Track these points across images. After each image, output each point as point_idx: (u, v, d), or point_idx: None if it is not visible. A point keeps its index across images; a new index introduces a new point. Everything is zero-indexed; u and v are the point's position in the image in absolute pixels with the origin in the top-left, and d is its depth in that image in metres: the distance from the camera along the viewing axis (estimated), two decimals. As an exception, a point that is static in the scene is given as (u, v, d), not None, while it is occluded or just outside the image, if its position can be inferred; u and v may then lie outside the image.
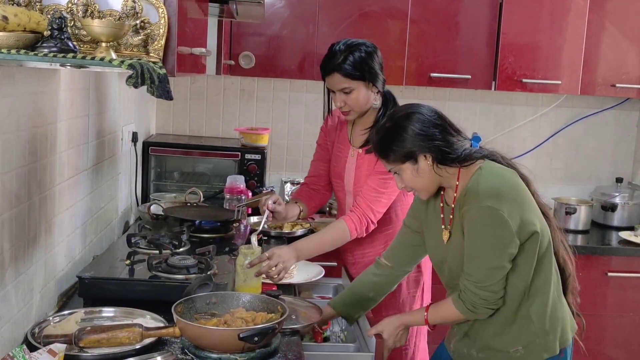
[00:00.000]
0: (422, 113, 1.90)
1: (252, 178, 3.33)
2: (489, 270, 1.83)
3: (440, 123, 1.90)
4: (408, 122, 1.89)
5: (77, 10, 1.26)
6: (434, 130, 1.88)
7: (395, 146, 1.90)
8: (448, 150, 1.88)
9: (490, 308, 1.89)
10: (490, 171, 1.89)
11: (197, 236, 2.65)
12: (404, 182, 1.95)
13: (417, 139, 1.87)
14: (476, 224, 1.83)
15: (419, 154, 1.88)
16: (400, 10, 3.32)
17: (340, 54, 2.35)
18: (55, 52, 1.14)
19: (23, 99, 1.67)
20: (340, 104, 2.39)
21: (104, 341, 1.68)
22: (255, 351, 1.70)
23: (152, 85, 1.17)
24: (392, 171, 1.96)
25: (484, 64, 3.39)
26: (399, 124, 1.91)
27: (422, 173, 1.91)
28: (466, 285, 1.88)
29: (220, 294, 1.95)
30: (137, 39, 1.29)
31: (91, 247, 2.41)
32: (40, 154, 1.82)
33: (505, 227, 1.80)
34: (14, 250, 1.67)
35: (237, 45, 3.29)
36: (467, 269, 1.88)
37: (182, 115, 3.72)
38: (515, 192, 1.86)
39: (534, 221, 1.85)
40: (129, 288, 2.05)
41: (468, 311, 1.90)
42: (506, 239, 1.81)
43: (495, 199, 1.80)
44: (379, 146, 1.95)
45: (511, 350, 1.93)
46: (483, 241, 1.83)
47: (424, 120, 1.89)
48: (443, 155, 1.88)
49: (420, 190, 1.97)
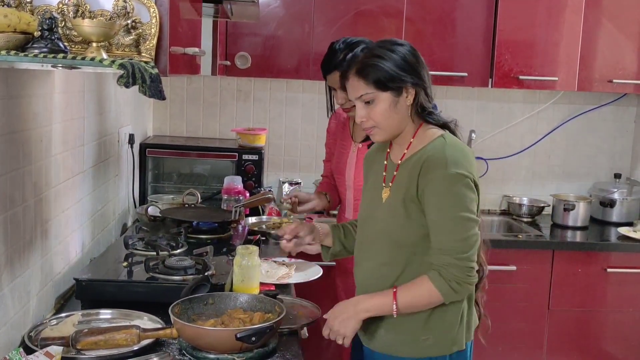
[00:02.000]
0: (417, 51, 1.79)
1: (249, 179, 3.32)
2: (467, 240, 1.71)
3: (425, 65, 1.80)
4: (400, 48, 1.75)
5: (67, 11, 1.26)
6: (422, 68, 1.77)
7: (384, 65, 1.72)
8: (427, 97, 1.78)
9: (472, 283, 1.74)
10: (454, 143, 1.78)
11: (194, 237, 2.65)
12: (372, 115, 1.77)
13: (407, 67, 1.73)
14: (445, 193, 1.70)
15: (405, 84, 1.74)
16: (395, 9, 3.31)
17: (340, 52, 2.37)
18: (46, 52, 1.13)
19: (16, 101, 1.67)
20: (341, 101, 2.41)
21: (101, 343, 1.67)
22: (253, 351, 1.70)
23: (143, 84, 1.16)
24: (362, 99, 1.77)
25: (480, 61, 3.38)
26: (388, 47, 1.76)
27: (398, 109, 1.76)
28: (446, 260, 1.71)
29: (218, 294, 1.95)
30: (128, 39, 1.28)
31: (88, 249, 2.40)
32: (35, 157, 1.82)
33: (474, 194, 1.72)
34: (9, 253, 1.67)
35: (233, 46, 3.29)
36: (442, 244, 1.72)
37: (179, 116, 3.71)
38: (473, 165, 1.76)
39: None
40: (126, 290, 2.04)
41: (451, 290, 1.72)
42: (476, 205, 1.73)
43: (464, 168, 1.70)
44: (365, 62, 1.75)
45: (421, 338, 1.81)
46: (456, 210, 1.70)
47: (414, 53, 1.78)
48: (422, 100, 1.77)
49: (385, 128, 1.80)
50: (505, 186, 3.88)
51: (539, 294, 3.29)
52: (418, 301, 1.77)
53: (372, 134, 1.83)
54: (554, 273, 3.27)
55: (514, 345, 3.31)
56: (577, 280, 3.28)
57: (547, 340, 3.33)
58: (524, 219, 3.67)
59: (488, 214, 3.84)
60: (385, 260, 1.85)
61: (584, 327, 3.34)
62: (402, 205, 1.79)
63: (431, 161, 1.73)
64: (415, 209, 1.77)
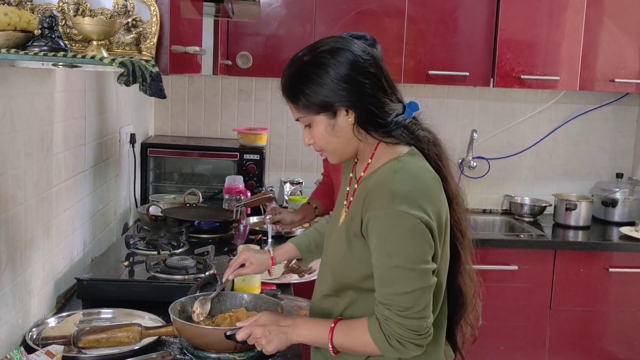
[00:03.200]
0: (353, 52, 1.45)
1: (251, 178, 3.32)
2: (410, 295, 1.39)
3: (374, 72, 1.46)
4: (332, 61, 1.44)
5: (68, 9, 1.26)
6: (365, 80, 1.44)
7: (309, 90, 1.45)
8: (376, 112, 1.46)
9: (420, 343, 1.43)
10: (409, 169, 1.46)
11: (196, 237, 2.65)
12: (314, 139, 1.52)
13: (340, 86, 1.43)
14: (387, 236, 1.40)
15: (339, 106, 1.45)
16: (397, 8, 3.31)
17: None
18: (46, 51, 1.13)
19: (18, 100, 1.67)
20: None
21: (103, 341, 1.67)
22: (254, 350, 1.69)
23: (144, 83, 1.16)
24: (302, 123, 1.52)
25: (482, 61, 3.38)
26: (320, 60, 1.45)
27: (338, 132, 1.48)
28: (387, 315, 1.41)
29: (223, 293, 1.95)
30: (129, 38, 1.28)
31: (90, 248, 2.40)
32: (36, 156, 1.82)
33: (426, 238, 1.40)
34: (10, 252, 1.67)
35: (234, 45, 3.28)
36: (381, 295, 1.43)
37: (180, 116, 3.71)
38: (430, 199, 1.44)
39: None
40: (128, 289, 2.04)
41: (390, 348, 1.43)
42: (428, 251, 1.41)
43: (415, 205, 1.39)
44: (288, 85, 1.50)
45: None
46: (397, 258, 1.39)
47: (355, 62, 1.44)
48: (368, 117, 1.46)
49: (332, 152, 1.55)
50: (506, 186, 3.88)
51: (540, 293, 3.28)
52: (354, 347, 1.49)
53: (327, 157, 1.60)
54: (556, 273, 3.27)
55: (515, 345, 3.31)
56: (579, 280, 3.28)
57: (549, 339, 3.32)
58: (525, 219, 3.66)
59: (490, 214, 3.84)
60: (328, 292, 1.61)
61: (585, 327, 3.33)
62: (345, 237, 1.52)
63: (375, 193, 1.44)
64: (359, 244, 1.48)
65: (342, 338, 1.49)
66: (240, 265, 1.90)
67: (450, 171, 1.56)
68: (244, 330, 1.57)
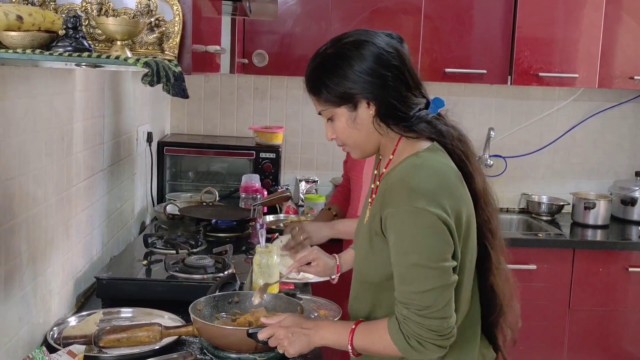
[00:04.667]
0: (376, 45, 1.45)
1: (267, 177, 3.31)
2: (428, 293, 1.37)
3: (398, 65, 1.44)
4: (356, 53, 1.44)
5: (91, 9, 1.26)
6: (387, 72, 1.43)
7: (331, 81, 1.45)
8: (398, 105, 1.44)
9: (442, 344, 1.40)
10: (429, 165, 1.44)
11: (213, 235, 2.65)
12: (336, 133, 1.51)
13: (362, 78, 1.43)
14: (405, 234, 1.38)
15: (360, 98, 1.45)
16: (413, 6, 3.29)
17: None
18: (71, 51, 1.13)
19: (39, 100, 1.67)
20: None
21: (123, 340, 1.67)
22: (274, 351, 1.69)
23: (167, 83, 1.16)
24: (324, 116, 1.52)
25: (499, 58, 3.35)
26: (343, 52, 1.45)
27: (359, 124, 1.47)
28: (405, 315, 1.39)
29: (243, 293, 1.95)
30: (152, 37, 1.28)
31: (108, 247, 2.41)
32: (56, 155, 1.82)
33: (445, 236, 1.37)
34: (31, 251, 1.67)
35: (250, 44, 3.28)
36: (402, 295, 1.40)
37: (196, 114, 3.71)
38: (450, 195, 1.41)
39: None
40: (147, 288, 2.04)
41: (410, 349, 1.40)
42: (446, 249, 1.39)
43: (434, 202, 1.37)
44: (311, 77, 1.51)
45: None
46: (415, 257, 1.37)
47: (378, 55, 1.44)
48: (389, 110, 1.45)
49: (353, 146, 1.54)
50: (524, 184, 3.85)
51: (559, 293, 3.25)
52: (375, 349, 1.47)
53: (349, 152, 1.59)
54: (575, 272, 3.24)
55: (534, 345, 3.28)
56: (598, 279, 3.24)
57: (568, 339, 3.29)
58: (543, 218, 3.63)
59: (507, 213, 3.81)
60: (355, 293, 1.61)
61: (604, 327, 3.30)
62: (368, 235, 1.51)
63: (393, 189, 1.42)
64: (380, 242, 1.47)
65: (363, 340, 1.48)
66: (307, 263, 1.91)
67: (477, 168, 1.53)
68: (267, 330, 1.56)
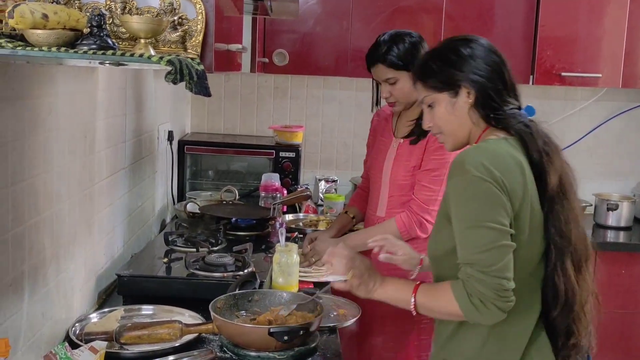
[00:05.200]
0: (481, 44, 1.65)
1: (286, 176, 3.32)
2: (492, 251, 1.47)
3: (499, 62, 1.64)
4: (464, 46, 1.64)
5: (115, 7, 1.27)
6: (488, 66, 1.62)
7: (440, 67, 1.65)
8: (494, 97, 1.61)
9: (501, 306, 1.47)
10: (486, 146, 1.58)
11: (233, 234, 2.65)
12: (434, 119, 1.68)
13: (466, 66, 1.61)
14: (462, 200, 1.52)
15: (462, 85, 1.61)
16: (435, 5, 3.28)
17: (384, 44, 2.33)
18: (95, 49, 1.14)
19: (62, 99, 1.69)
20: (386, 95, 2.37)
21: (144, 337, 1.68)
22: (294, 349, 1.69)
23: (190, 81, 1.16)
24: (426, 103, 1.69)
25: (520, 58, 3.32)
26: (452, 46, 1.67)
27: (457, 111, 1.63)
28: (469, 273, 1.49)
29: (262, 291, 1.95)
30: (174, 36, 1.28)
31: (129, 245, 2.42)
32: (79, 153, 1.84)
33: (499, 199, 1.48)
34: (55, 248, 1.69)
35: (271, 43, 3.29)
36: (464, 258, 1.51)
37: (216, 113, 3.73)
38: (506, 173, 1.51)
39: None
40: (167, 286, 2.06)
41: (472, 307, 1.48)
42: (501, 213, 1.48)
43: (486, 171, 1.49)
44: (422, 64, 1.71)
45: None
46: (474, 219, 1.49)
47: (482, 51, 1.63)
48: (485, 101, 1.61)
49: (448, 134, 1.68)
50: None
51: (580, 295, 3.21)
52: (436, 306, 1.58)
53: (442, 143, 1.74)
54: (597, 274, 3.16)
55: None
56: (620, 282, 3.20)
57: (589, 342, 3.25)
58: (565, 219, 3.59)
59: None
60: (433, 276, 1.75)
61: (628, 330, 3.26)
62: (440, 216, 1.66)
63: (453, 166, 1.56)
64: (446, 223, 1.59)
65: (425, 296, 1.58)
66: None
67: (558, 170, 1.62)
68: (345, 254, 1.67)
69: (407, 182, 2.39)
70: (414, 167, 2.37)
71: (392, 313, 2.36)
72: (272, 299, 1.91)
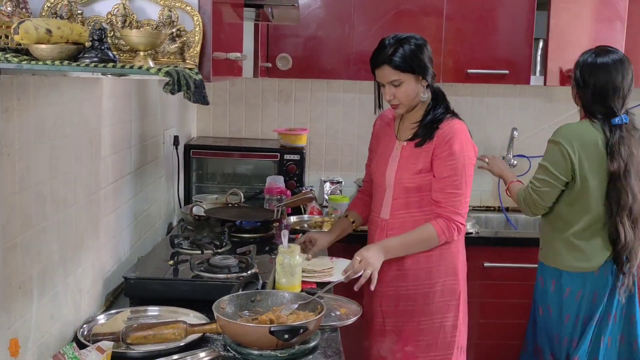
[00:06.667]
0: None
1: (291, 178, 3.37)
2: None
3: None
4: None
5: (116, 21, 1.32)
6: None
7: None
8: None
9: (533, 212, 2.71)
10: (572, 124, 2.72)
11: (238, 236, 2.71)
12: None
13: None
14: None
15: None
16: (435, 8, 3.32)
17: (390, 46, 2.35)
18: (97, 62, 1.19)
19: (68, 107, 1.75)
20: (389, 97, 2.39)
21: (150, 337, 1.74)
22: (295, 347, 1.74)
23: (188, 91, 1.21)
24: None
25: (521, 59, 3.36)
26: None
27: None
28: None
29: (265, 292, 2.00)
30: (173, 47, 1.34)
31: (136, 248, 2.48)
32: (85, 159, 1.90)
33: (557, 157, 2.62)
34: (63, 252, 1.75)
35: (275, 48, 3.34)
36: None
37: (222, 118, 3.79)
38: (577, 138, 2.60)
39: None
40: (173, 288, 2.11)
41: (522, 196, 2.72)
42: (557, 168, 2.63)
43: (561, 137, 2.61)
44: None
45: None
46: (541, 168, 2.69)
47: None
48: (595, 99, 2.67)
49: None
50: (548, 184, 3.84)
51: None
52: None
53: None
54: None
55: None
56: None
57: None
58: (567, 217, 3.62)
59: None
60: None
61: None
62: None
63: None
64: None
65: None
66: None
67: (625, 158, 2.53)
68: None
69: (412, 185, 2.41)
70: (421, 170, 2.38)
71: (393, 312, 2.42)
72: (275, 299, 1.96)
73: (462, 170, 2.33)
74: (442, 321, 2.39)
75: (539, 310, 2.73)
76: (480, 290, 3.18)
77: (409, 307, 2.38)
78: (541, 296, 2.73)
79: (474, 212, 3.67)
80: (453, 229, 2.35)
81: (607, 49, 2.69)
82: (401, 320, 2.39)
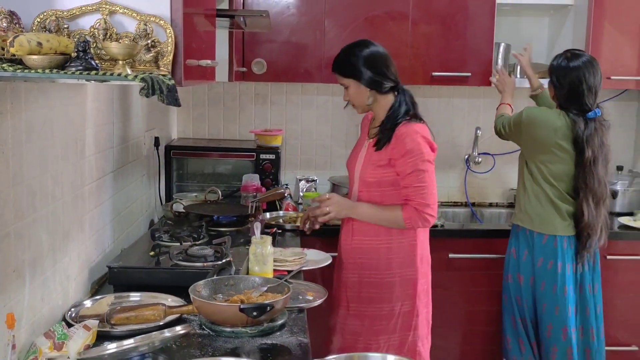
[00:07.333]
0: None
1: (267, 176, 3.55)
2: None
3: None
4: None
5: (98, 34, 1.50)
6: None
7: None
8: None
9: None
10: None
11: (215, 230, 2.89)
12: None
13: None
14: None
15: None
16: (401, 14, 3.50)
17: (338, 56, 2.59)
18: (81, 70, 1.38)
19: (56, 110, 1.93)
20: (345, 98, 2.66)
21: (132, 318, 1.92)
22: (264, 324, 1.93)
23: (161, 94, 1.40)
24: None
25: (482, 62, 3.55)
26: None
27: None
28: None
29: (237, 277, 2.19)
30: (149, 56, 1.52)
31: (119, 241, 2.66)
32: (71, 158, 2.07)
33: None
34: (51, 241, 1.92)
35: (250, 53, 3.50)
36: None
37: (201, 120, 3.96)
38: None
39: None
40: (154, 275, 2.29)
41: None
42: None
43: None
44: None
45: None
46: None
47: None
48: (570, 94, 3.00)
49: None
50: (512, 180, 4.04)
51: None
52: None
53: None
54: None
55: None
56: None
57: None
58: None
59: (496, 207, 4.03)
60: None
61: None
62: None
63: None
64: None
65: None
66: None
67: (595, 150, 2.88)
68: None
69: (373, 180, 2.60)
70: (380, 165, 2.57)
71: (356, 297, 2.62)
72: (246, 283, 2.14)
73: (421, 164, 2.51)
74: (402, 308, 2.59)
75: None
76: (445, 279, 3.37)
77: (370, 294, 2.58)
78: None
79: (442, 207, 3.85)
80: (420, 219, 2.53)
81: (576, 53, 2.97)
82: (363, 305, 2.59)
